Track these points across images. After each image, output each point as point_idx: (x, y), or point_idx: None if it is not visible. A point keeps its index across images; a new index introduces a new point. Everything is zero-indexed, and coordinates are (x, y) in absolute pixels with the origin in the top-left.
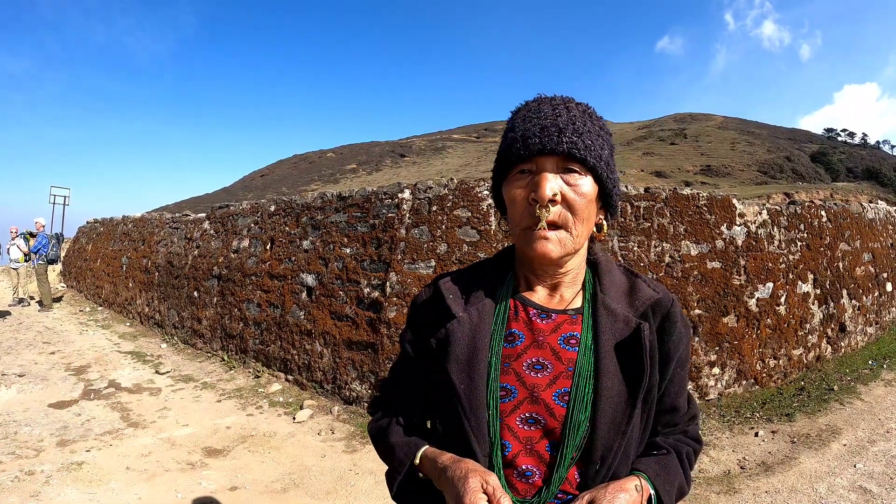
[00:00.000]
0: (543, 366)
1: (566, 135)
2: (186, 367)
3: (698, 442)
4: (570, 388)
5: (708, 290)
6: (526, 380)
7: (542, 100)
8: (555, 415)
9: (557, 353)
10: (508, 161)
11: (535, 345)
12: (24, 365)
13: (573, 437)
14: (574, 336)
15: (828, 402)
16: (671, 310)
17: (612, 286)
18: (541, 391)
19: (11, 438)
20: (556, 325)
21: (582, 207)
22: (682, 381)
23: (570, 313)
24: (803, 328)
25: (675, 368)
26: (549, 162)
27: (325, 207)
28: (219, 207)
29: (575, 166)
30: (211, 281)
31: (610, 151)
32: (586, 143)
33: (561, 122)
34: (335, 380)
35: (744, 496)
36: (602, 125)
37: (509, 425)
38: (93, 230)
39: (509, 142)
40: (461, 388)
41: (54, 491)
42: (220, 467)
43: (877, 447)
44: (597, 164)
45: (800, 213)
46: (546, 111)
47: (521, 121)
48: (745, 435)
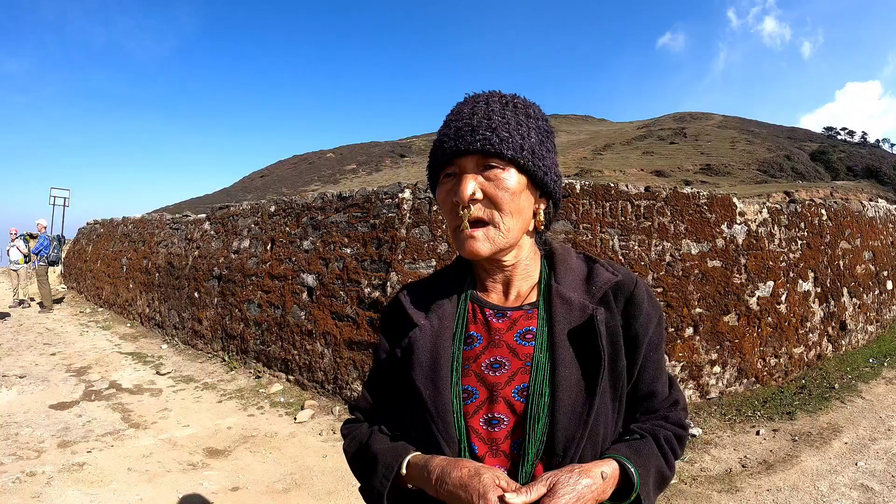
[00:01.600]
0: (501, 364)
1: (479, 132)
2: (187, 368)
3: (682, 427)
4: (528, 383)
5: (709, 289)
6: (486, 380)
7: (464, 101)
8: (516, 411)
9: (514, 349)
10: (434, 167)
11: (491, 344)
12: (25, 366)
13: (534, 432)
14: (530, 331)
15: (829, 401)
16: (634, 291)
17: (567, 274)
18: (500, 389)
19: (12, 440)
20: (511, 322)
21: (506, 201)
22: (657, 365)
23: (525, 308)
24: (804, 326)
25: (647, 352)
26: (468, 162)
27: (325, 208)
28: (219, 208)
29: (494, 161)
30: (211, 281)
31: (540, 138)
32: (501, 136)
33: (475, 121)
34: (336, 380)
35: (745, 495)
36: (529, 113)
37: (473, 427)
38: (93, 231)
39: (433, 148)
40: (427, 394)
41: (56, 492)
42: (222, 468)
43: (878, 445)
44: (516, 154)
45: (800, 212)
46: (464, 112)
47: (443, 126)
48: (746, 433)
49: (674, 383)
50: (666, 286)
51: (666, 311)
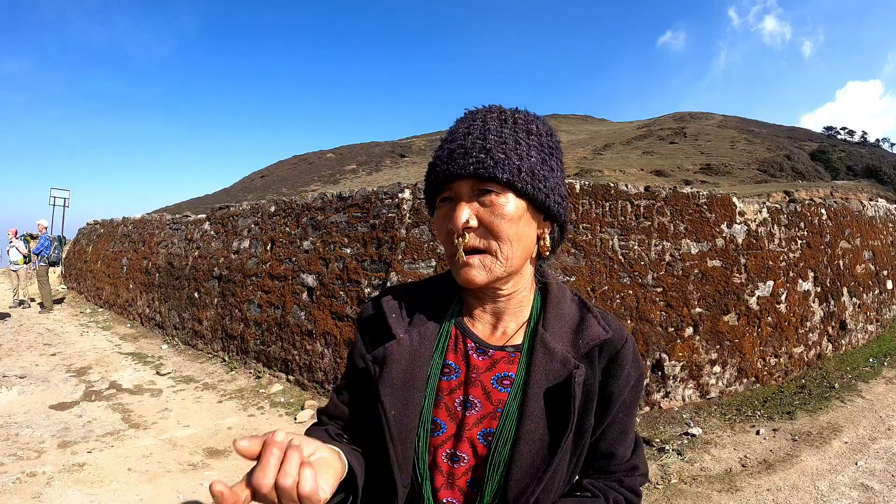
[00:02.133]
0: (473, 404)
1: (472, 155)
2: (187, 368)
3: (635, 494)
4: (494, 428)
5: (708, 289)
6: (456, 417)
7: (462, 118)
8: (477, 453)
9: (489, 392)
10: (430, 190)
11: (468, 382)
12: (25, 367)
13: (492, 479)
14: (508, 376)
15: (829, 400)
16: (621, 351)
17: (557, 321)
18: (467, 430)
19: (13, 440)
20: (491, 363)
21: (504, 228)
22: (624, 427)
23: (508, 350)
24: (804, 326)
25: (617, 413)
26: (462, 186)
27: (325, 208)
28: (219, 208)
29: (489, 186)
30: (211, 282)
31: (542, 157)
32: (496, 159)
33: (469, 142)
34: (336, 380)
35: (745, 494)
36: (530, 129)
37: (436, 460)
38: (93, 232)
39: (427, 171)
40: (392, 414)
41: (56, 492)
42: (222, 468)
43: (878, 445)
44: (513, 178)
45: (800, 212)
46: (460, 131)
47: (438, 147)
48: (746, 433)
49: (638, 448)
50: (666, 286)
51: (665, 310)
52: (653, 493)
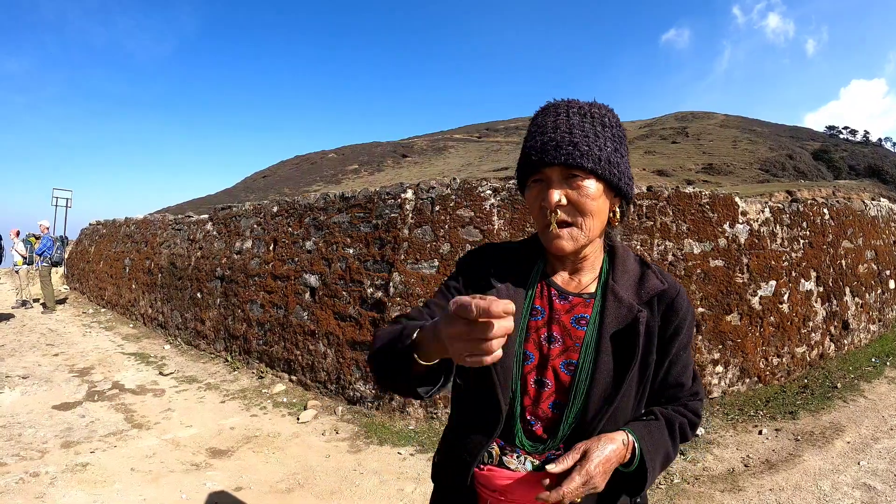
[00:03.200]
0: (556, 339)
1: (563, 148)
2: (190, 369)
3: (696, 416)
4: (575, 360)
5: (711, 289)
6: (542, 349)
7: (547, 110)
8: (560, 380)
9: (568, 330)
10: (524, 173)
11: (551, 321)
12: (28, 367)
13: (575, 399)
14: (584, 317)
15: (831, 400)
16: (675, 299)
17: (623, 275)
18: (551, 360)
19: (16, 440)
20: (570, 307)
21: (588, 206)
22: (686, 362)
23: (584, 297)
24: (806, 326)
25: (679, 351)
26: (553, 172)
27: (327, 208)
28: (221, 208)
29: (576, 172)
30: (214, 282)
31: (615, 146)
32: (582, 151)
33: (558, 136)
34: (339, 380)
35: (748, 494)
36: (605, 122)
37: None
38: (95, 232)
39: (521, 157)
40: None
41: (59, 492)
42: (225, 468)
43: (881, 444)
44: (595, 166)
45: (802, 211)
46: (548, 125)
47: (529, 136)
48: (748, 433)
49: (696, 377)
50: None
51: None
52: (655, 493)
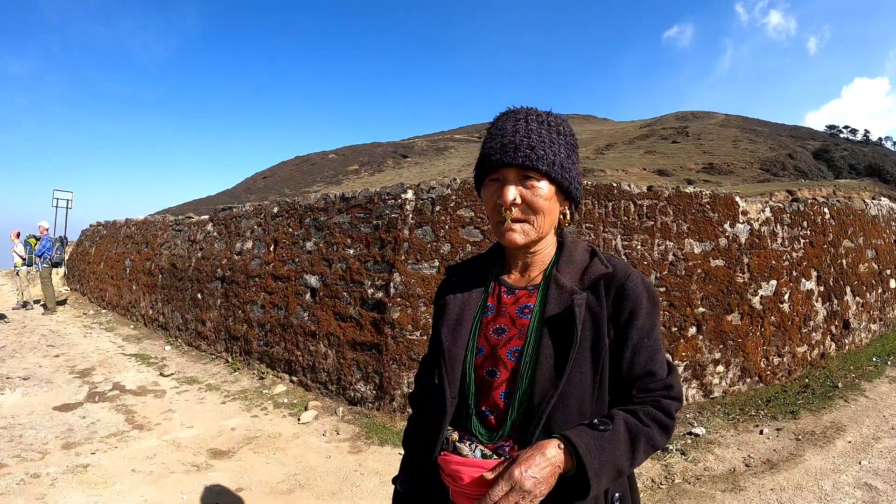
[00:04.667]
0: (503, 330)
1: (521, 150)
2: (191, 369)
3: (669, 416)
4: (520, 347)
5: (712, 288)
6: (490, 340)
7: (507, 116)
8: (507, 368)
9: (514, 320)
10: (481, 172)
11: (499, 314)
12: (29, 368)
13: (522, 384)
14: (528, 306)
15: (832, 400)
16: (626, 283)
17: (568, 265)
18: (499, 349)
19: (17, 441)
20: (516, 299)
21: (539, 205)
22: (652, 349)
23: (529, 289)
24: (807, 325)
25: (641, 338)
26: (510, 172)
27: (328, 208)
28: (222, 209)
29: (531, 174)
30: (214, 283)
31: (567, 152)
32: (538, 154)
33: (518, 139)
34: (340, 381)
35: (749, 494)
36: (560, 130)
37: (479, 375)
38: (96, 233)
39: (481, 156)
40: (446, 345)
41: (60, 494)
42: (226, 469)
43: (882, 444)
44: (550, 169)
45: (803, 211)
46: (508, 128)
47: (489, 137)
48: (749, 433)
49: (672, 369)
50: (669, 286)
51: (669, 310)
52: (656, 493)
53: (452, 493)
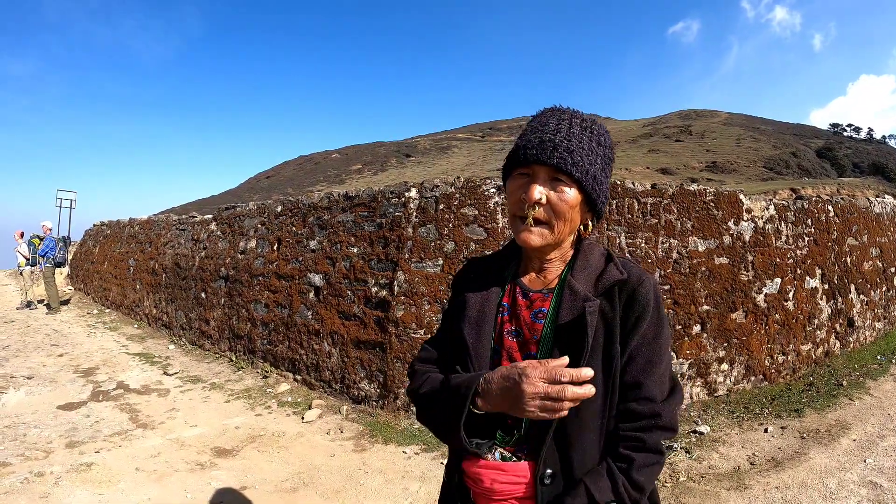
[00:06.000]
0: (518, 333)
1: (558, 151)
2: (194, 368)
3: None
4: (534, 352)
5: (716, 286)
6: (505, 342)
7: (552, 112)
8: None
9: (528, 324)
10: (512, 163)
11: (513, 317)
12: (33, 367)
13: None
14: (542, 311)
15: (837, 398)
16: (637, 289)
17: (583, 270)
18: (514, 352)
19: (21, 440)
20: (530, 302)
21: (564, 211)
22: (648, 359)
23: (543, 292)
24: (811, 323)
25: (641, 345)
26: (541, 170)
27: (331, 207)
28: (225, 209)
29: (562, 177)
30: (218, 282)
31: (603, 165)
32: (575, 160)
33: (558, 139)
34: (343, 379)
35: (754, 492)
36: (601, 141)
37: None
38: (99, 233)
39: (516, 147)
40: (470, 342)
41: (64, 492)
42: (230, 467)
43: (886, 442)
44: (583, 178)
45: (807, 209)
46: (550, 125)
47: (529, 130)
48: (754, 431)
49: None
50: (673, 283)
51: (673, 308)
52: (661, 492)
53: (474, 494)
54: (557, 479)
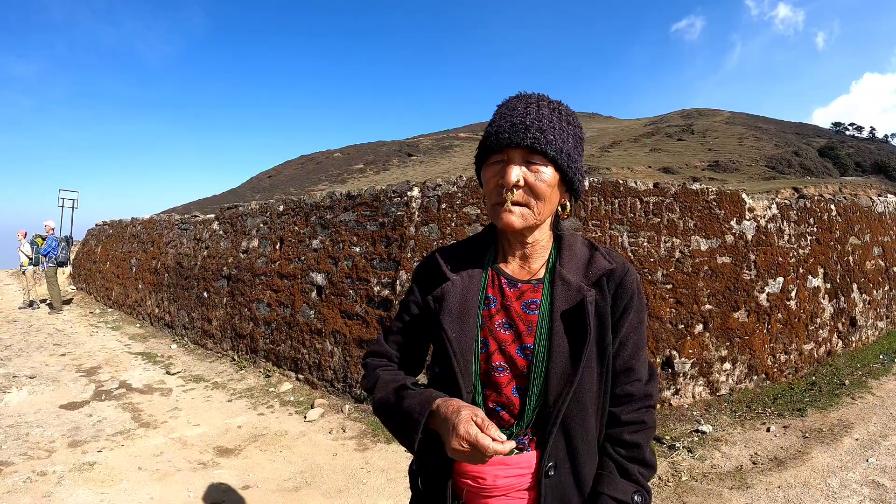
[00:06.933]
0: (509, 325)
1: (531, 131)
2: (197, 368)
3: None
4: (530, 344)
5: (718, 286)
6: (496, 335)
7: (518, 98)
8: (517, 365)
9: (520, 315)
10: (485, 150)
11: (503, 308)
12: (36, 367)
13: (535, 385)
14: (535, 302)
15: (839, 397)
16: (624, 278)
17: (570, 259)
18: (508, 345)
19: (23, 440)
20: (520, 293)
21: (542, 190)
22: (636, 344)
23: (532, 283)
24: (814, 323)
25: (628, 332)
26: (516, 153)
27: (334, 206)
28: (228, 208)
29: (537, 158)
30: (220, 281)
31: (575, 143)
32: (548, 139)
33: (528, 120)
34: (346, 378)
35: (756, 491)
36: (570, 120)
37: (484, 371)
38: (102, 232)
39: (487, 134)
40: (453, 336)
41: (66, 491)
42: (232, 466)
43: (889, 441)
44: (557, 156)
45: (809, 208)
46: (519, 109)
47: (498, 116)
48: (756, 430)
49: (653, 378)
50: (675, 283)
51: (675, 307)
52: (664, 491)
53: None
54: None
